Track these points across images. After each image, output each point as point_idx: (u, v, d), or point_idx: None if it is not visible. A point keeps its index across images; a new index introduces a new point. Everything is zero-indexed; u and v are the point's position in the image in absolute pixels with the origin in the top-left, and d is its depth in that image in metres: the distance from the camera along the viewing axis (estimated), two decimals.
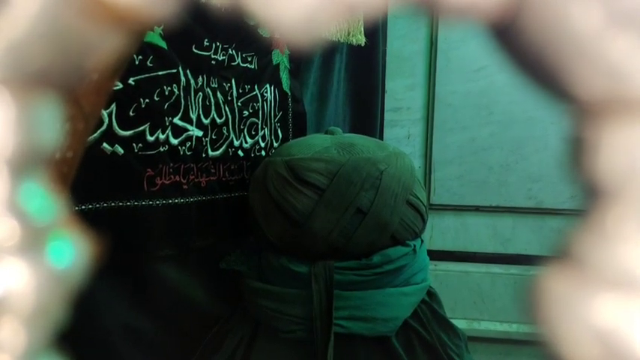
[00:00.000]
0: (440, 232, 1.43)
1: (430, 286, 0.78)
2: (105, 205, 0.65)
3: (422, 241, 0.78)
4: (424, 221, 0.77)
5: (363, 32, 1.09)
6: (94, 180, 0.63)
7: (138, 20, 0.09)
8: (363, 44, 1.10)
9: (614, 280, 0.08)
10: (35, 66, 0.09)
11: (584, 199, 0.09)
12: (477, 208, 1.40)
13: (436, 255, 1.36)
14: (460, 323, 1.12)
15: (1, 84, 0.08)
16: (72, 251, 0.10)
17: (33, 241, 0.09)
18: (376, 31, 1.25)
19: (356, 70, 1.27)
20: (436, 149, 1.41)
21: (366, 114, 1.32)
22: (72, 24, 0.09)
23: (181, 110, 0.75)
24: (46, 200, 0.09)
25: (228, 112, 0.85)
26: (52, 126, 0.09)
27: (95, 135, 0.63)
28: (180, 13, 0.09)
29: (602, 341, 0.08)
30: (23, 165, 0.09)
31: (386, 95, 1.41)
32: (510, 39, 0.09)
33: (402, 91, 1.44)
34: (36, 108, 0.09)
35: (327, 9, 0.08)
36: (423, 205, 0.75)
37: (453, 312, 1.34)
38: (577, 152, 0.09)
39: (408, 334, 0.71)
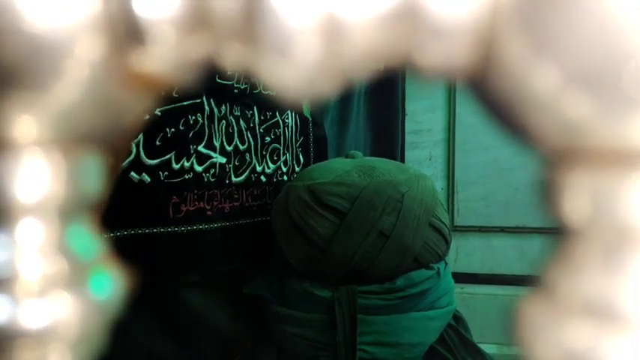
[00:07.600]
0: (465, 254, 1.41)
1: (456, 310, 0.77)
2: (132, 232, 0.67)
3: (446, 263, 0.77)
4: (447, 243, 0.76)
5: None
6: (122, 208, 0.65)
7: (164, 85, 0.10)
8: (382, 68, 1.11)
9: (582, 308, 0.09)
10: (82, 127, 0.10)
11: (557, 233, 0.09)
12: (502, 229, 1.38)
13: (462, 277, 1.34)
14: (489, 348, 1.09)
15: (54, 143, 0.10)
16: (110, 284, 0.11)
17: (78, 276, 0.10)
18: None
19: (375, 93, 1.28)
20: (459, 170, 1.40)
21: (387, 136, 1.32)
22: (112, 91, 0.10)
23: (205, 138, 0.77)
24: (89, 240, 0.11)
25: (251, 139, 0.87)
26: (95, 177, 0.11)
27: (124, 164, 0.65)
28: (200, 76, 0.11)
29: None
30: (71, 211, 0.10)
31: (406, 117, 1.42)
32: (482, 93, 0.10)
33: (422, 113, 1.45)
34: (81, 162, 0.10)
35: (324, 74, 0.09)
36: (446, 227, 0.75)
37: (482, 336, 1.30)
38: (546, 194, 0.10)
39: None
